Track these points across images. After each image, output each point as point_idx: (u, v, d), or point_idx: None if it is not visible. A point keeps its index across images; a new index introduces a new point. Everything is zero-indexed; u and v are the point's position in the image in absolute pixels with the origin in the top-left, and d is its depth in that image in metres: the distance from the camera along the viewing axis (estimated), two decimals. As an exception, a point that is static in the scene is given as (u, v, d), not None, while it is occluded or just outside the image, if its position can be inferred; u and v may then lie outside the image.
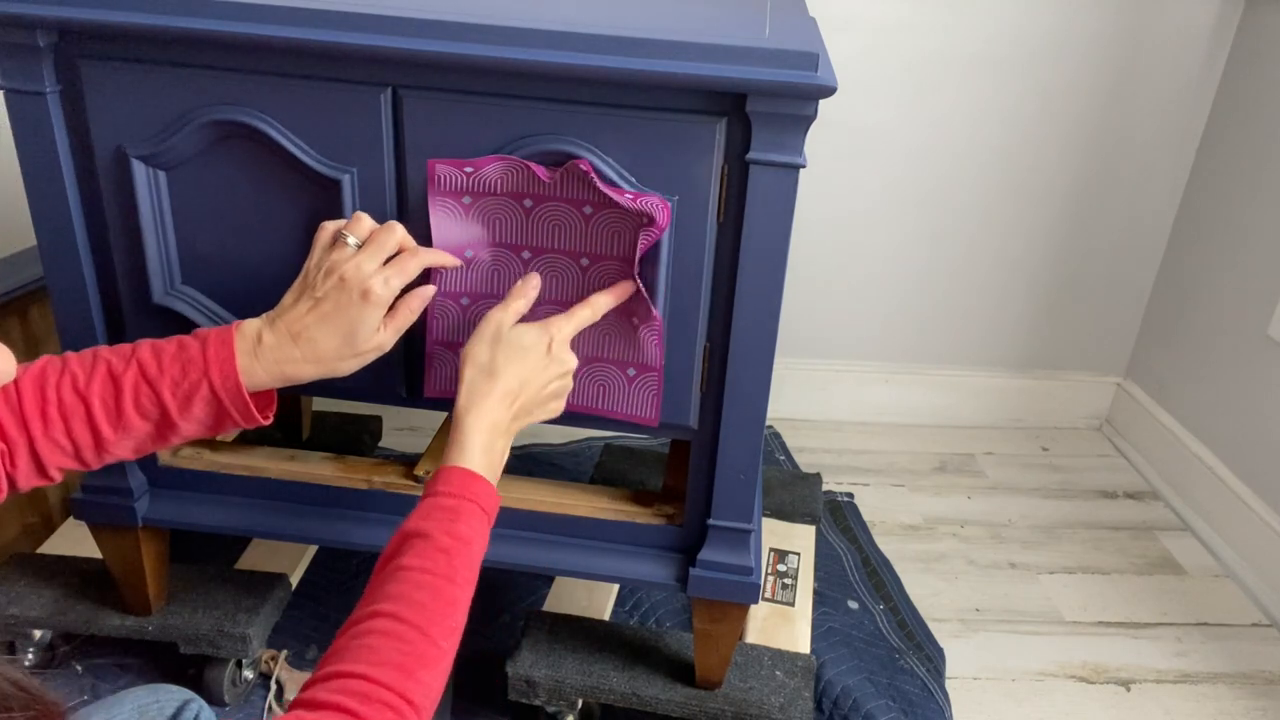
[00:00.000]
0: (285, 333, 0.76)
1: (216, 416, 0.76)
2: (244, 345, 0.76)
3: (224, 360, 0.74)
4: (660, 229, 0.83)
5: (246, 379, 0.75)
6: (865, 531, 1.55)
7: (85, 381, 0.73)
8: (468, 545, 0.71)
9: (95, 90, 0.85)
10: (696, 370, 0.91)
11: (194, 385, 0.74)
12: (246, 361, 0.75)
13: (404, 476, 1.04)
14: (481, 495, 0.75)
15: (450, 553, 0.69)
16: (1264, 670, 1.33)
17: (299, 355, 0.76)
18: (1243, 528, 1.53)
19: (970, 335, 1.86)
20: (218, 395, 0.74)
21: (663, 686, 1.06)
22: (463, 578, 0.69)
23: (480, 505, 0.74)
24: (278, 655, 1.18)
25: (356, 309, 0.76)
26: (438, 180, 0.84)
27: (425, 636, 0.64)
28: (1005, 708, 1.25)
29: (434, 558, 0.68)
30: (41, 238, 0.92)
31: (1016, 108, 1.67)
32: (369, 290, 0.76)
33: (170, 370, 0.74)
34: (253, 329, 0.77)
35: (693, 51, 0.77)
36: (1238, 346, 1.58)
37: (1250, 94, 1.58)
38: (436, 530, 0.70)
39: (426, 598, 0.66)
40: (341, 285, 0.76)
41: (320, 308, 0.76)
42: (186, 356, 0.75)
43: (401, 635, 0.64)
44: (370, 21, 0.79)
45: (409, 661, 0.63)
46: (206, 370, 0.74)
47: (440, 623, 0.66)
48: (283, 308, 0.78)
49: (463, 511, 0.72)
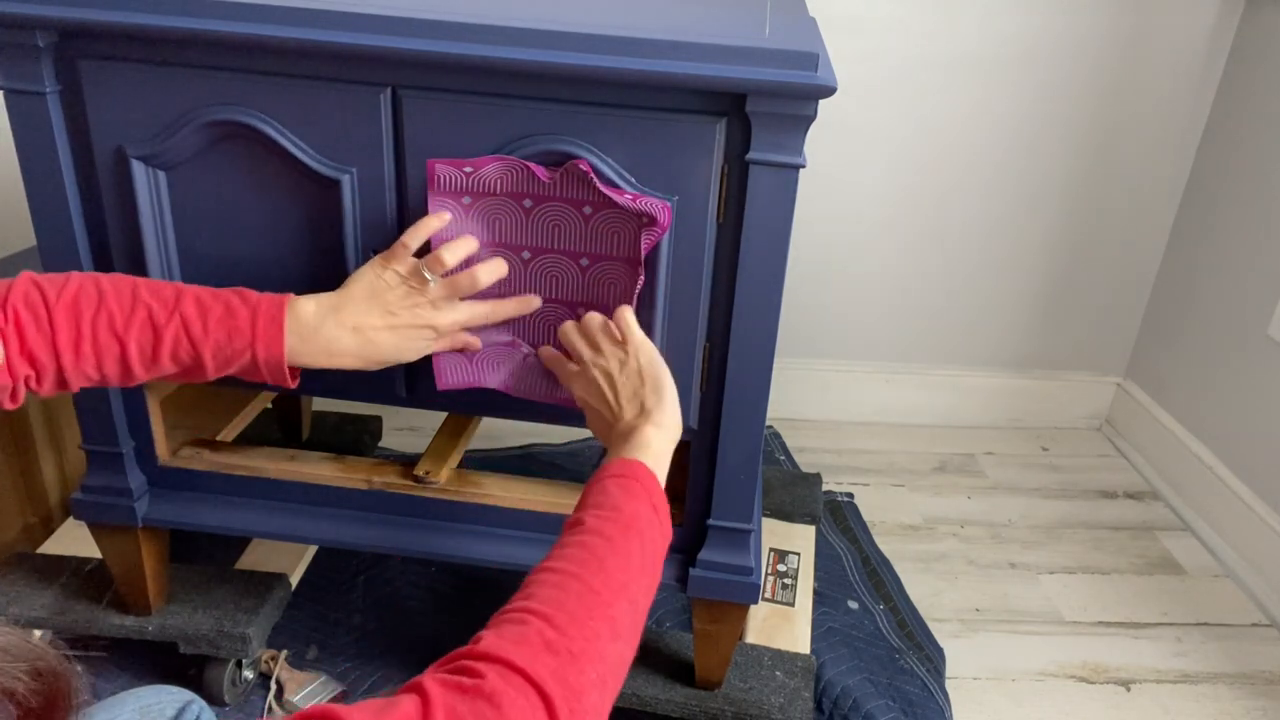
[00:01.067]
0: (349, 326, 0.80)
1: (249, 376, 0.79)
2: (295, 326, 0.78)
3: (272, 338, 0.77)
4: (662, 229, 0.83)
5: (292, 358, 0.79)
6: (865, 531, 1.55)
7: (124, 324, 0.75)
8: (634, 522, 0.68)
9: (95, 90, 0.85)
10: (696, 370, 0.91)
11: (237, 353, 0.77)
12: (295, 342, 0.78)
13: (404, 476, 1.04)
14: (653, 492, 0.72)
15: (627, 525, 0.67)
16: (1264, 670, 1.33)
17: (353, 349, 0.80)
18: (1243, 528, 1.53)
19: (970, 335, 1.86)
20: (259, 366, 0.78)
21: (663, 686, 1.06)
22: (632, 548, 0.66)
23: (653, 505, 0.71)
24: (278, 655, 1.18)
25: (423, 340, 0.83)
26: (437, 181, 0.84)
27: (568, 575, 0.62)
28: (1005, 708, 1.25)
29: (600, 528, 0.66)
30: (41, 238, 0.92)
31: (1017, 107, 1.67)
32: (439, 329, 0.83)
33: (215, 334, 0.76)
34: (309, 313, 0.79)
35: (693, 51, 0.77)
36: (1238, 346, 1.58)
37: (1250, 94, 1.58)
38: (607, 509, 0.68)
39: (577, 551, 0.64)
40: (419, 317, 0.82)
41: (394, 321, 0.81)
42: (234, 325, 0.77)
43: (536, 580, 0.62)
44: (370, 21, 0.79)
45: (541, 591, 0.60)
46: (253, 343, 0.77)
47: (590, 567, 0.62)
48: (350, 300, 0.81)
49: (636, 504, 0.70)
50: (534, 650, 0.54)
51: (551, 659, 0.54)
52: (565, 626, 0.57)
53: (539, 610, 0.57)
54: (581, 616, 0.58)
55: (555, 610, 0.57)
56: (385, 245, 0.88)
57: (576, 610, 0.58)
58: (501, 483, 1.05)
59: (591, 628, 0.58)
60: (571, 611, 0.58)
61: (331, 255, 0.89)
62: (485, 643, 0.54)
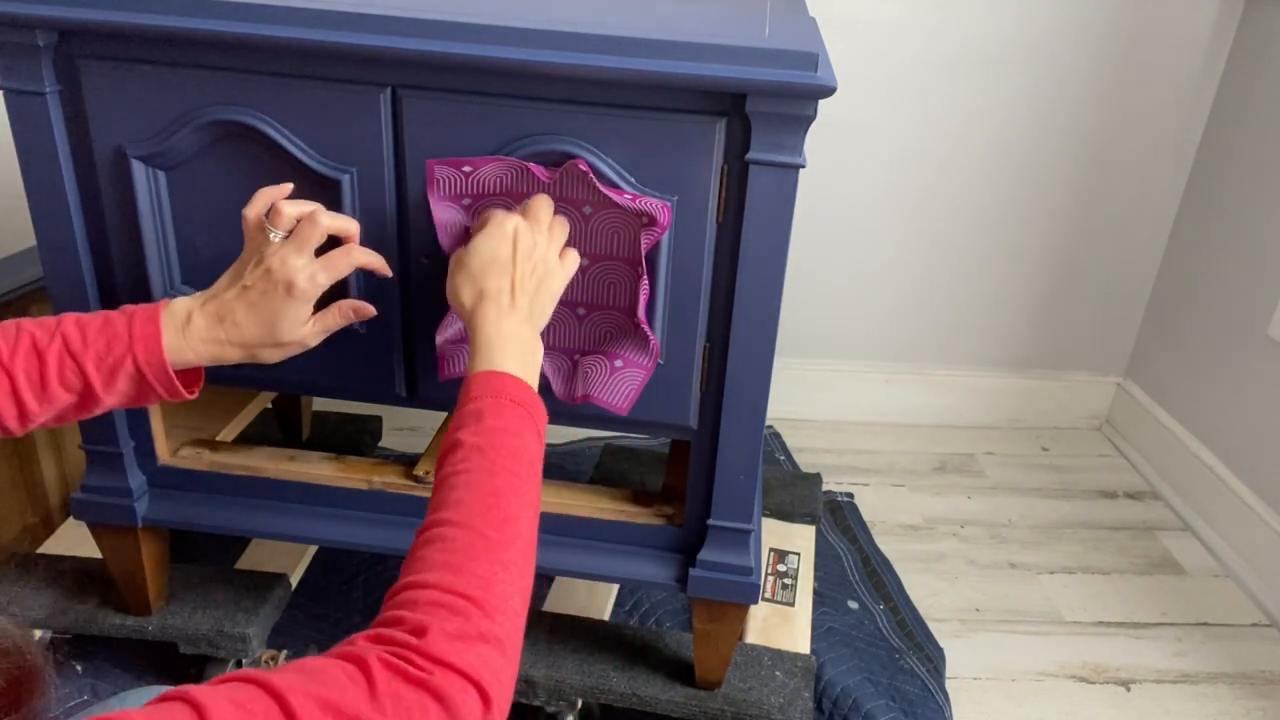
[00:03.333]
0: (214, 315, 0.77)
1: (140, 390, 0.76)
2: (171, 323, 0.76)
3: (149, 337, 0.75)
4: (662, 229, 0.83)
5: (173, 356, 0.76)
6: (865, 531, 1.55)
7: (9, 355, 0.73)
8: (500, 435, 0.68)
9: (95, 90, 0.85)
10: (696, 370, 0.91)
11: (118, 360, 0.74)
12: (174, 339, 0.76)
13: (404, 476, 1.04)
14: (506, 387, 0.72)
15: (482, 449, 0.67)
16: (1264, 670, 1.33)
17: (224, 338, 0.77)
18: (1243, 528, 1.53)
19: (970, 335, 1.86)
20: (141, 371, 0.75)
21: (663, 686, 1.06)
22: (503, 467, 0.66)
23: (508, 397, 0.71)
24: (278, 655, 1.18)
25: (280, 301, 0.77)
26: (437, 183, 0.84)
27: (469, 530, 0.62)
28: (1005, 708, 1.25)
29: (467, 457, 0.67)
30: (41, 238, 0.92)
31: (1017, 107, 1.67)
32: (293, 284, 0.76)
33: (95, 344, 0.74)
34: (182, 308, 0.77)
35: (693, 51, 0.77)
36: (1238, 346, 1.58)
37: (1250, 94, 1.58)
38: (465, 434, 0.68)
39: (463, 495, 0.65)
40: (268, 276, 0.77)
41: (247, 295, 0.77)
42: (112, 332, 0.75)
43: (444, 537, 0.62)
44: (370, 21, 0.79)
45: (454, 559, 0.61)
46: (131, 346, 0.74)
47: (483, 514, 0.64)
48: (215, 289, 0.79)
49: (487, 408, 0.70)
50: (470, 646, 0.56)
51: (485, 648, 0.57)
52: (495, 611, 0.59)
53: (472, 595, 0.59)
54: (504, 593, 0.60)
55: (484, 591, 0.59)
56: (385, 245, 0.88)
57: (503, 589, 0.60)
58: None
59: (513, 606, 0.61)
60: (499, 593, 0.60)
61: (331, 255, 0.89)
62: (430, 640, 0.55)
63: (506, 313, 0.76)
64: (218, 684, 0.50)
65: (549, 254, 0.80)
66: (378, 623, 0.58)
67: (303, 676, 0.51)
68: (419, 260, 0.89)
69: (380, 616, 0.59)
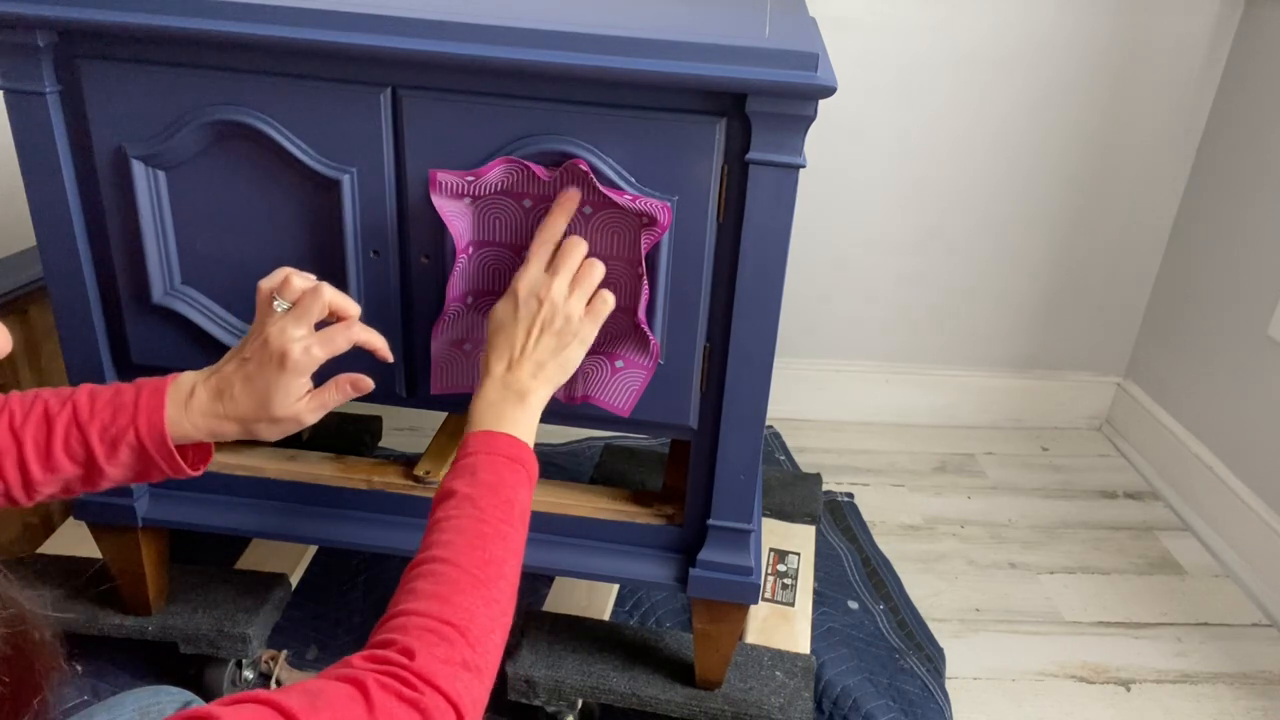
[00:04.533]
0: (215, 388, 0.76)
1: (143, 464, 0.75)
2: (176, 396, 0.75)
3: (153, 409, 0.74)
4: (662, 229, 0.83)
5: (174, 430, 0.74)
6: (865, 531, 1.55)
7: (21, 420, 0.72)
8: (491, 488, 0.72)
9: (95, 90, 0.85)
10: (696, 370, 0.91)
11: (121, 431, 0.73)
12: (176, 413, 0.74)
13: (404, 476, 1.04)
14: (500, 446, 0.76)
15: (474, 498, 0.71)
16: (1264, 670, 1.33)
17: (222, 412, 0.76)
18: (1243, 528, 1.53)
19: (970, 335, 1.86)
20: (143, 443, 0.74)
21: (663, 686, 1.06)
22: (492, 517, 0.70)
23: (501, 454, 0.75)
24: (278, 655, 1.18)
25: (274, 373, 0.75)
26: (439, 185, 0.84)
27: (457, 567, 0.66)
28: (1005, 708, 1.25)
29: (459, 504, 0.71)
30: (41, 238, 0.92)
31: (1017, 107, 1.67)
32: (286, 355, 0.74)
33: (101, 415, 0.73)
34: (188, 381, 0.76)
35: (693, 51, 0.77)
36: (1238, 346, 1.58)
37: (1250, 94, 1.58)
38: (459, 486, 0.72)
39: (454, 537, 0.69)
40: (264, 347, 0.75)
41: (245, 367, 0.76)
42: (119, 402, 0.74)
43: (433, 572, 0.66)
44: (370, 21, 0.79)
45: (443, 590, 0.65)
46: (135, 418, 0.73)
47: (470, 554, 0.68)
48: (220, 364, 0.78)
49: (481, 464, 0.74)
50: (455, 672, 0.61)
51: (467, 676, 0.61)
52: (477, 642, 0.63)
53: (458, 624, 0.63)
54: (487, 627, 0.65)
55: (468, 622, 0.64)
56: (385, 245, 0.88)
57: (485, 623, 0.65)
58: (501, 483, 1.05)
59: (494, 640, 0.66)
60: (482, 625, 0.65)
61: (331, 255, 0.89)
62: (420, 662, 0.59)
63: (500, 380, 0.79)
64: (229, 704, 0.53)
65: (572, 311, 0.80)
66: (371, 645, 0.62)
67: (308, 698, 0.54)
68: (419, 260, 0.89)
69: (373, 639, 0.62)
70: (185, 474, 0.76)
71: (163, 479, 0.77)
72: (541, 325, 0.80)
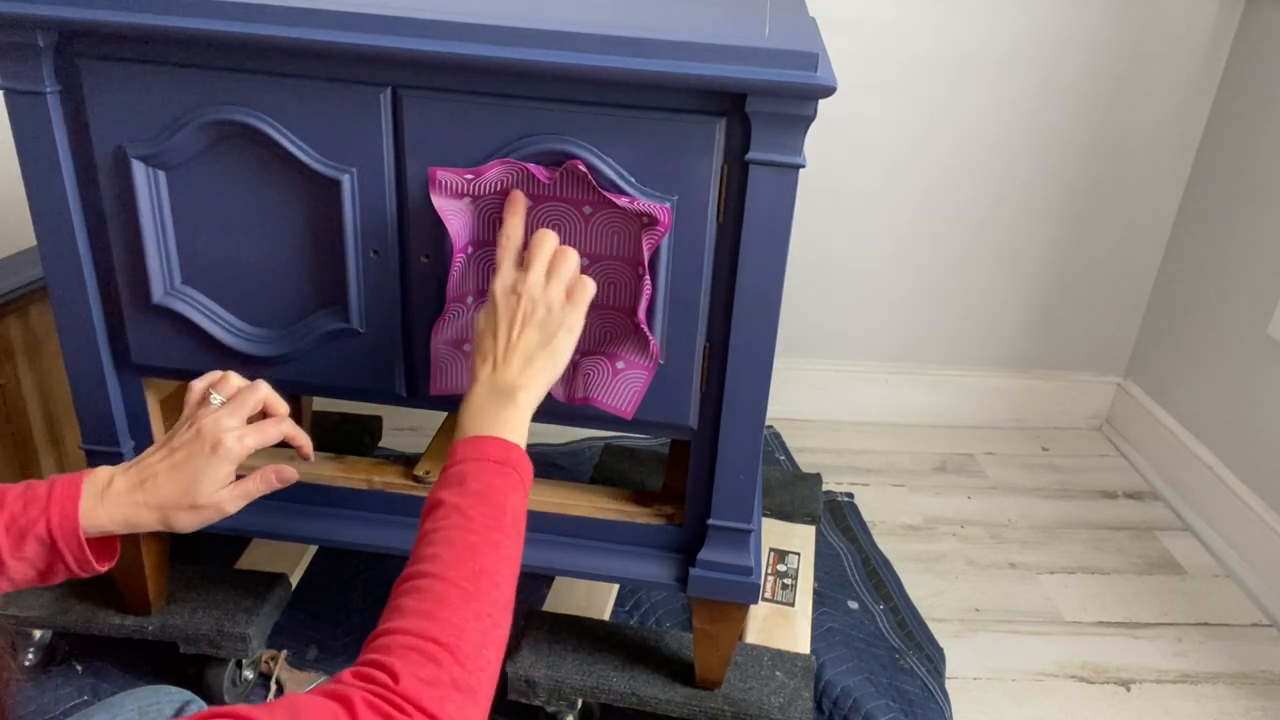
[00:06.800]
0: (136, 478, 0.76)
1: (49, 559, 0.73)
2: (92, 488, 0.75)
3: (67, 500, 0.73)
4: (664, 229, 0.83)
5: (87, 520, 0.74)
6: (865, 531, 1.55)
7: None
8: (480, 495, 0.70)
9: (95, 90, 0.85)
10: (696, 370, 0.91)
11: (30, 522, 0.72)
12: (91, 503, 0.74)
13: (404, 476, 1.04)
14: (490, 451, 0.73)
15: (461, 508, 0.69)
16: (1264, 670, 1.33)
17: (142, 499, 0.76)
18: (1243, 528, 1.53)
19: (970, 335, 1.86)
20: (52, 534, 0.72)
21: (663, 686, 1.06)
22: (481, 525, 0.69)
23: (491, 460, 0.73)
24: (278, 655, 1.18)
25: (204, 460, 0.76)
26: (439, 184, 0.84)
27: (444, 581, 0.65)
28: (1005, 708, 1.25)
29: (447, 515, 0.69)
30: (41, 238, 0.92)
31: (1017, 107, 1.67)
32: (220, 442, 0.76)
33: (11, 506, 0.72)
34: (105, 473, 0.76)
35: (693, 51, 0.77)
36: (1238, 346, 1.58)
37: (1250, 94, 1.58)
38: (446, 495, 0.71)
39: (440, 549, 0.67)
40: (197, 436, 0.77)
41: (173, 456, 0.77)
42: (31, 495, 0.73)
43: (420, 588, 0.65)
44: (370, 21, 0.79)
45: (428, 606, 0.63)
46: (47, 508, 0.73)
47: (459, 566, 0.66)
48: (143, 455, 0.78)
49: (469, 471, 0.72)
50: (444, 693, 0.59)
51: (458, 696, 0.59)
52: (467, 660, 0.61)
53: (445, 642, 0.61)
54: (478, 643, 0.63)
55: (457, 639, 0.62)
56: (385, 245, 0.88)
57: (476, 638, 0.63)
58: (501, 483, 1.05)
59: (487, 656, 0.63)
60: (473, 641, 0.62)
61: (331, 255, 0.89)
62: (405, 684, 0.58)
63: (487, 382, 0.78)
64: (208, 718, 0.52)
65: (553, 300, 0.79)
66: (359, 663, 0.60)
67: (291, 714, 0.53)
68: (419, 260, 0.89)
69: (360, 658, 0.61)
70: (91, 569, 0.75)
71: (65, 578, 0.75)
72: (523, 319, 0.78)
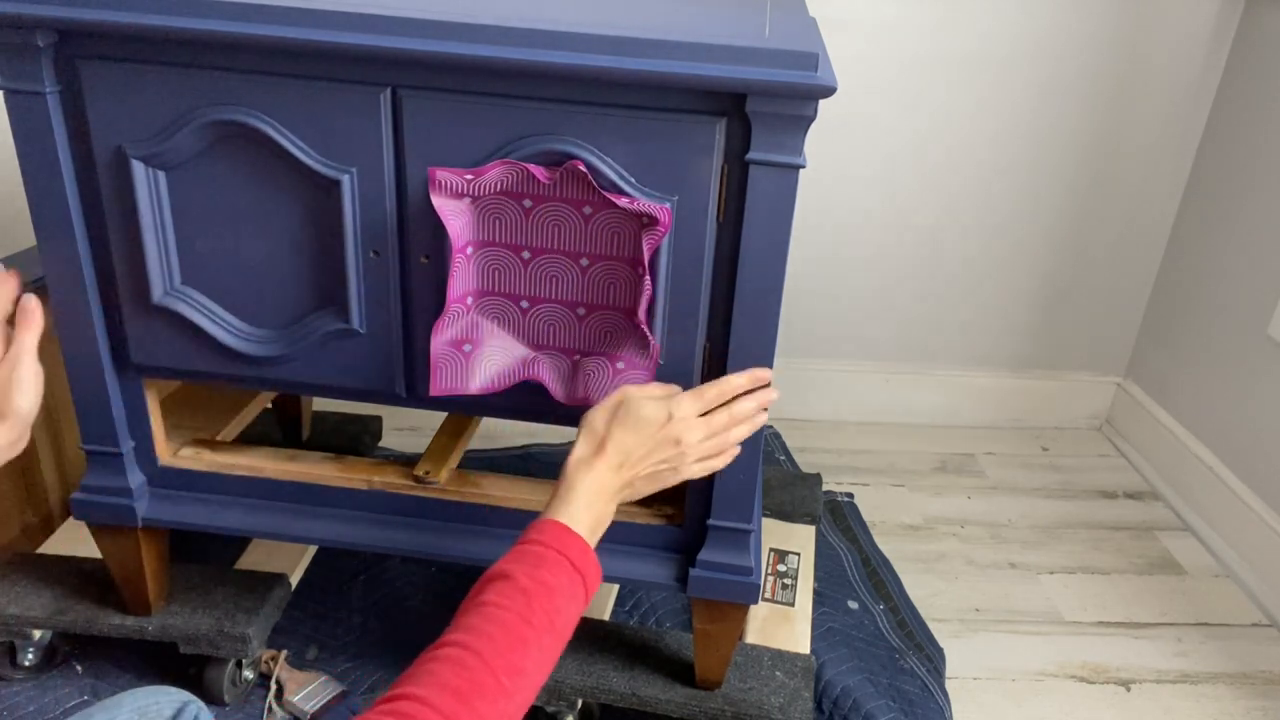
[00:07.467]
0: None
1: None
2: None
3: None
4: (664, 229, 0.83)
5: None
6: (865, 531, 1.55)
7: None
8: (550, 591, 0.70)
9: (95, 90, 0.85)
10: (697, 370, 0.91)
11: None
12: None
13: (404, 476, 1.04)
14: (573, 549, 0.73)
15: (529, 594, 0.68)
16: (1264, 670, 1.33)
17: None
18: (1243, 528, 1.53)
19: (970, 335, 1.86)
20: None
21: (663, 686, 1.06)
22: (540, 621, 0.68)
23: (570, 559, 0.73)
24: (278, 655, 1.18)
25: None
26: (439, 184, 0.84)
27: (487, 667, 0.63)
28: (1005, 708, 1.25)
29: (512, 596, 0.68)
30: (41, 238, 0.92)
31: (1017, 108, 1.67)
32: None
33: None
34: None
35: (693, 51, 0.77)
36: (1238, 346, 1.58)
37: (1250, 94, 1.58)
38: (519, 572, 0.69)
39: (496, 630, 0.66)
40: None
41: None
42: None
43: (463, 662, 0.63)
44: (370, 21, 0.79)
45: (465, 688, 0.62)
46: None
47: (504, 656, 0.64)
48: None
49: (549, 559, 0.72)
50: None
51: None
52: None
53: None
54: None
55: None
56: (385, 245, 0.88)
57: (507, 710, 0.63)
58: (501, 483, 1.05)
59: None
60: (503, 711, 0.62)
61: (331, 255, 0.89)
62: None
63: (613, 482, 0.79)
64: None
65: (691, 452, 0.82)
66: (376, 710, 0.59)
67: None
68: (419, 260, 0.89)
69: (377, 708, 0.59)
70: None
71: None
72: (664, 461, 0.82)
